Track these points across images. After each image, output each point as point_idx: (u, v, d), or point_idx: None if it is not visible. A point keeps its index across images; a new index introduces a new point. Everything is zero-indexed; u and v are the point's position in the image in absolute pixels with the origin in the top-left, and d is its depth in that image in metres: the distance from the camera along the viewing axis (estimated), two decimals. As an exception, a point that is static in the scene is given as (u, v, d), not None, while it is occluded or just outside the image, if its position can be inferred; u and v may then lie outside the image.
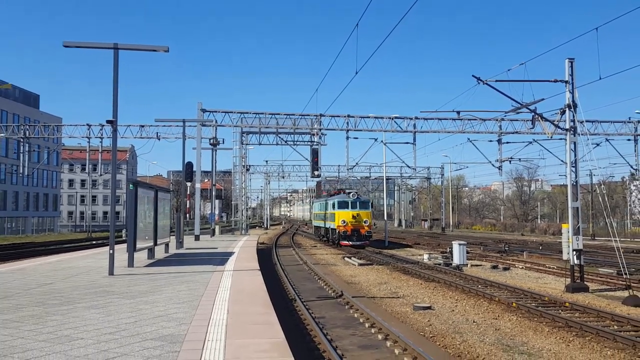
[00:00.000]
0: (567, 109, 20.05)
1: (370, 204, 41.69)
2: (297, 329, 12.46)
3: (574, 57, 19.75)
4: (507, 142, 41.78)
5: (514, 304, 15.59)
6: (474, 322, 13.52)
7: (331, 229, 42.44)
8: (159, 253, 21.40)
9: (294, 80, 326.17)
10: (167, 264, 18.23)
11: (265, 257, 31.31)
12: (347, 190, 44.41)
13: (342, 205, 39.95)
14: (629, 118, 41.79)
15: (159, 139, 42.34)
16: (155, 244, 19.16)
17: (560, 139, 32.77)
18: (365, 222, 39.26)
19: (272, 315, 9.01)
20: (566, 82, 19.88)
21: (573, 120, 20.02)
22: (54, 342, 6.95)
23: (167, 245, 22.38)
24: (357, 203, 39.99)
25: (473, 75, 19.75)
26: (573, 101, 19.85)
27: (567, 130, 20.37)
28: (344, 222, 39.00)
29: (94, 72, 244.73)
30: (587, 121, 35.77)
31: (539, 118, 22.38)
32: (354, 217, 39.02)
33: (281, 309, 13.75)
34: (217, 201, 57.58)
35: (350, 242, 39.06)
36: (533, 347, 11.00)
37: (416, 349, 10.25)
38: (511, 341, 11.54)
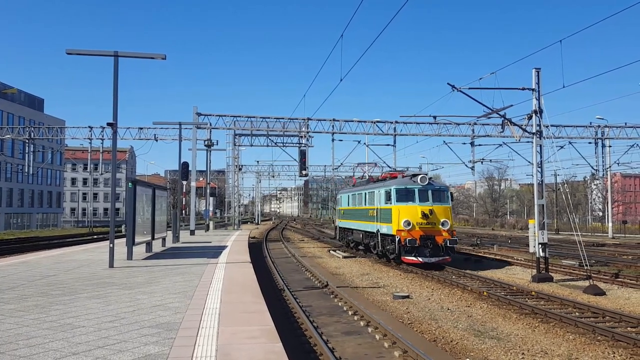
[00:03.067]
0: (533, 114, 20.24)
1: (450, 194, 23.72)
2: (286, 317, 12.45)
3: (540, 67, 19.95)
4: (480, 145, 42.05)
5: (485, 293, 15.71)
6: (448, 309, 13.61)
7: (381, 234, 24.12)
8: (157, 247, 21.25)
9: (283, 86, 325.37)
10: (164, 257, 18.10)
11: (256, 250, 31.21)
12: (411, 174, 24.73)
13: (404, 195, 22.90)
14: (590, 123, 42.34)
15: (157, 140, 42.05)
16: (153, 238, 19.02)
17: (528, 141, 33.04)
18: (444, 224, 22.18)
19: (262, 304, 9.00)
20: (533, 90, 20.07)
21: (539, 125, 20.23)
22: (56, 330, 6.88)
23: (164, 239, 22.22)
24: (430, 193, 22.91)
25: (448, 83, 19.84)
26: (539, 107, 20.04)
27: (533, 134, 20.58)
28: (408, 223, 21.96)
29: (95, 77, 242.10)
30: (552, 126, 36.22)
31: (508, 123, 22.55)
32: (424, 215, 22.13)
33: (271, 299, 13.73)
34: (211, 198, 57.24)
35: (421, 259, 21.80)
36: (502, 333, 11.10)
37: (395, 334, 10.30)
38: (482, 327, 11.63)
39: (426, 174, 23.95)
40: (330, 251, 31.79)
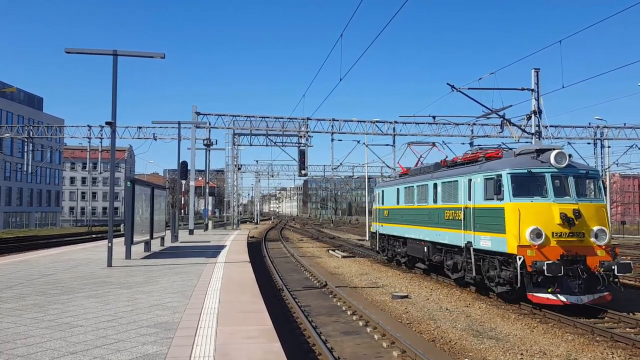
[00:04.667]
0: (532, 115, 20.29)
1: (602, 184, 14.17)
2: (285, 317, 12.43)
3: (539, 67, 20.00)
4: (479, 145, 41.96)
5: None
6: (447, 309, 13.60)
7: (478, 251, 14.45)
8: (155, 246, 21.22)
9: (283, 86, 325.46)
10: (163, 256, 18.07)
11: (255, 250, 31.20)
12: (532, 148, 14.41)
13: (527, 184, 13.28)
14: (589, 123, 42.39)
15: (156, 140, 42.04)
16: (152, 237, 18.99)
17: (527, 142, 33.09)
18: (598, 235, 12.88)
19: (261, 304, 8.99)
20: (532, 90, 20.11)
21: (538, 126, 20.27)
22: (54, 329, 6.86)
23: (162, 238, 22.19)
24: (572, 181, 13.33)
25: (447, 83, 19.88)
26: (538, 108, 20.08)
27: (532, 134, 20.60)
28: (539, 234, 12.53)
29: (95, 76, 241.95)
30: (551, 126, 36.18)
31: (507, 123, 22.57)
32: (567, 219, 12.61)
33: (270, 298, 13.72)
34: (210, 198, 57.24)
35: (566, 298, 12.34)
36: (501, 333, 11.09)
37: (394, 334, 10.29)
38: (481, 327, 11.62)
39: (563, 149, 13.75)
40: (329, 251, 31.78)
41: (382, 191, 24.43)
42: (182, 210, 38.12)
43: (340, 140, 40.64)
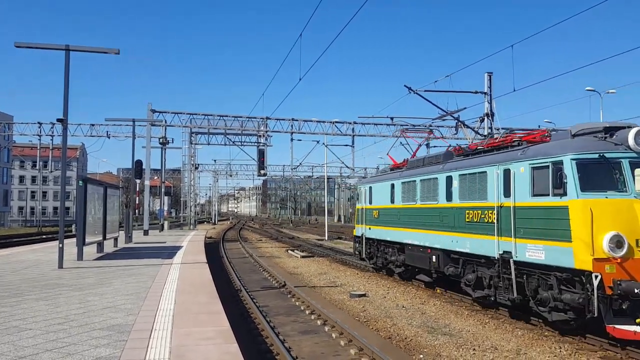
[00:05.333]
0: (485, 117, 20.91)
1: None
2: (242, 318, 12.38)
3: (492, 71, 20.61)
4: (435, 146, 42.94)
5: (437, 290, 16.07)
6: (403, 307, 13.85)
7: (523, 265, 10.86)
8: (108, 247, 20.69)
9: (242, 85, 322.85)
10: (116, 257, 17.65)
11: (213, 250, 30.85)
12: (601, 126, 10.32)
13: (599, 175, 9.65)
14: (539, 126, 44.01)
15: (109, 138, 41.01)
16: (105, 238, 18.52)
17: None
18: None
19: (218, 304, 8.93)
20: (485, 93, 20.74)
21: (491, 128, 20.89)
22: (2, 333, 6.62)
23: (116, 239, 21.66)
24: None
25: (405, 85, 20.20)
26: (491, 110, 20.72)
27: (485, 136, 21.21)
28: (620, 243, 9.05)
29: (45, 70, 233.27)
30: (502, 128, 37.37)
31: (462, 125, 23.15)
32: None
33: (227, 299, 13.62)
34: (166, 198, 56.18)
35: None
36: (454, 329, 11.39)
37: (351, 332, 10.41)
38: (435, 324, 11.90)
39: None
40: (289, 251, 31.77)
41: (370, 188, 20.39)
42: (137, 210, 37.24)
43: (300, 140, 40.75)
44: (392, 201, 17.92)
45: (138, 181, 34.01)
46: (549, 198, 10.07)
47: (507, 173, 11.41)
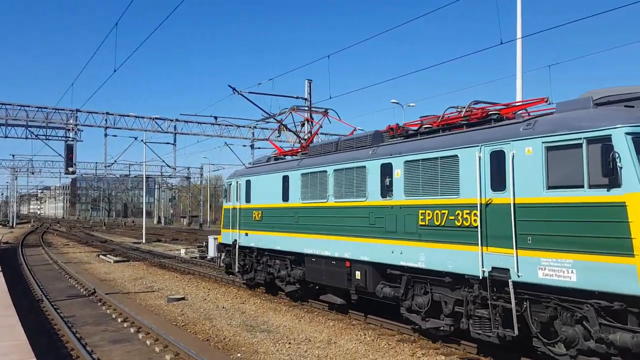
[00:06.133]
0: (305, 122, 22.01)
1: None
2: (44, 330, 11.22)
3: (312, 78, 21.82)
4: (259, 148, 43.77)
5: (258, 289, 16.47)
6: (223, 307, 13.92)
7: (547, 290, 7.59)
8: None
9: (48, 73, 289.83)
10: None
11: (10, 257, 27.28)
12: None
13: None
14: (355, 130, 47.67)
15: None
16: None
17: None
18: None
19: (14, 317, 8.02)
20: (305, 99, 21.84)
21: (310, 132, 22.05)
22: None
23: None
24: None
25: (229, 85, 20.34)
26: (310, 115, 21.88)
27: (305, 140, 22.33)
28: None
29: None
30: (322, 134, 39.55)
31: (284, 128, 24.04)
32: None
33: (25, 310, 12.22)
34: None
35: None
36: (272, 325, 11.83)
37: (167, 337, 10.15)
38: (254, 321, 12.22)
39: None
40: (100, 255, 29.54)
41: (248, 182, 16.14)
42: None
43: (116, 135, 38.17)
44: (285, 199, 13.99)
45: None
46: (582, 192, 7.16)
47: (498, 157, 8.35)
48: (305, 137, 22.36)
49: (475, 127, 9.34)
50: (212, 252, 28.31)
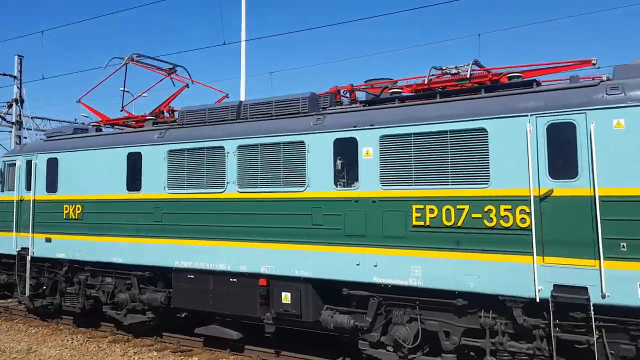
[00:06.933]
0: (14, 103, 19.60)
1: None
2: None
3: (23, 55, 19.46)
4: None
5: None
6: None
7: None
8: None
9: None
10: None
11: None
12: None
13: None
14: (75, 119, 43.51)
15: None
16: None
17: (8, 131, 31.20)
18: None
19: None
20: (15, 77, 19.37)
21: (20, 115, 19.69)
22: None
23: None
24: None
25: None
26: (20, 96, 19.54)
27: (13, 123, 19.85)
28: None
29: None
30: (36, 117, 35.33)
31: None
32: None
33: None
34: None
35: None
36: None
37: None
38: None
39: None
40: None
41: (52, 161, 11.16)
42: None
43: None
44: (135, 187, 9.75)
45: None
46: None
47: (563, 131, 6.25)
48: (14, 120, 19.72)
49: (501, 90, 6.97)
50: None
